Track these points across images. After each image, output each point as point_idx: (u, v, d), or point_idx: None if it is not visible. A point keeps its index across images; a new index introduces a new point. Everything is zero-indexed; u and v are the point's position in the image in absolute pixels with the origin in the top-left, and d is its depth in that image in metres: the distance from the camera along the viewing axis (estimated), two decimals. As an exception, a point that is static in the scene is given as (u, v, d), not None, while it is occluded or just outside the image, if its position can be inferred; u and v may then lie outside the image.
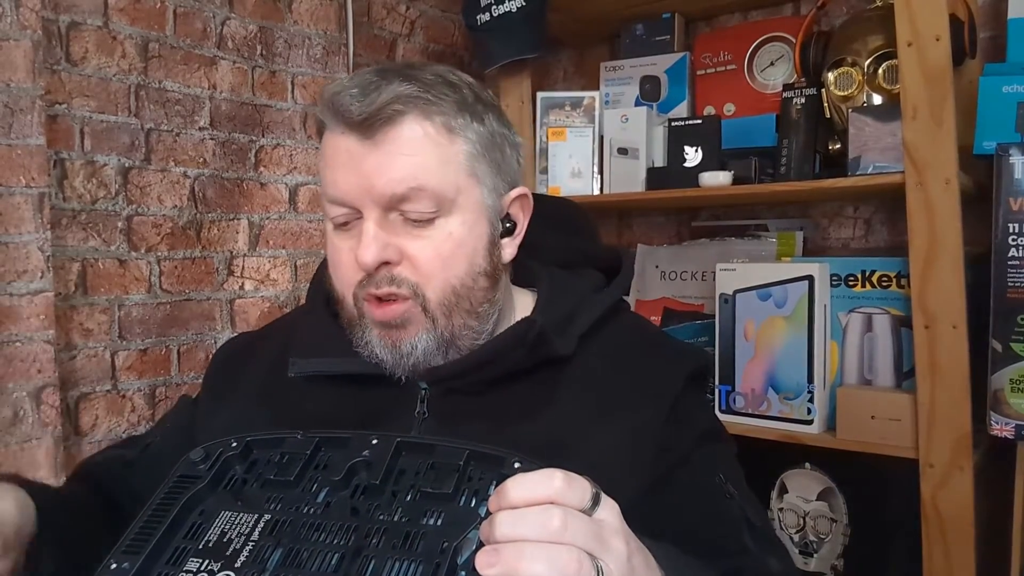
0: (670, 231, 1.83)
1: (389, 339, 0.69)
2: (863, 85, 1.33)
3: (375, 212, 0.67)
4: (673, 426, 0.71)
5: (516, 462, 0.51)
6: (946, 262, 1.13)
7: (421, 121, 0.66)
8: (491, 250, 0.71)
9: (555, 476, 0.46)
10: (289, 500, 0.54)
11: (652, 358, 0.77)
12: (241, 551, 0.51)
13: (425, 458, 0.54)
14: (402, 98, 0.65)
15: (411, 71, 0.68)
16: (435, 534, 0.49)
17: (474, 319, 0.71)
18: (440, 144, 0.67)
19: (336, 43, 1.67)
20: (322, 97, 0.68)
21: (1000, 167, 1.10)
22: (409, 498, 0.52)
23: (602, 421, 0.70)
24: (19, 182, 1.21)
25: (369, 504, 0.52)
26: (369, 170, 0.65)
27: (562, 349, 0.71)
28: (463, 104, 0.69)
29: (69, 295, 1.30)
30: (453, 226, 0.68)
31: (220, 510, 0.54)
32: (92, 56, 1.32)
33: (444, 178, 0.67)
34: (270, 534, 0.51)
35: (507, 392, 0.71)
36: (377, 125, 0.65)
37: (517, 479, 0.46)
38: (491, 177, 0.71)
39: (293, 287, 1.61)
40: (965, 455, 1.14)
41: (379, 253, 0.66)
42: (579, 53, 1.98)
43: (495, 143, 0.71)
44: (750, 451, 0.82)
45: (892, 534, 1.34)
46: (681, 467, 0.71)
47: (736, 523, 0.69)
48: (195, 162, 1.46)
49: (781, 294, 1.35)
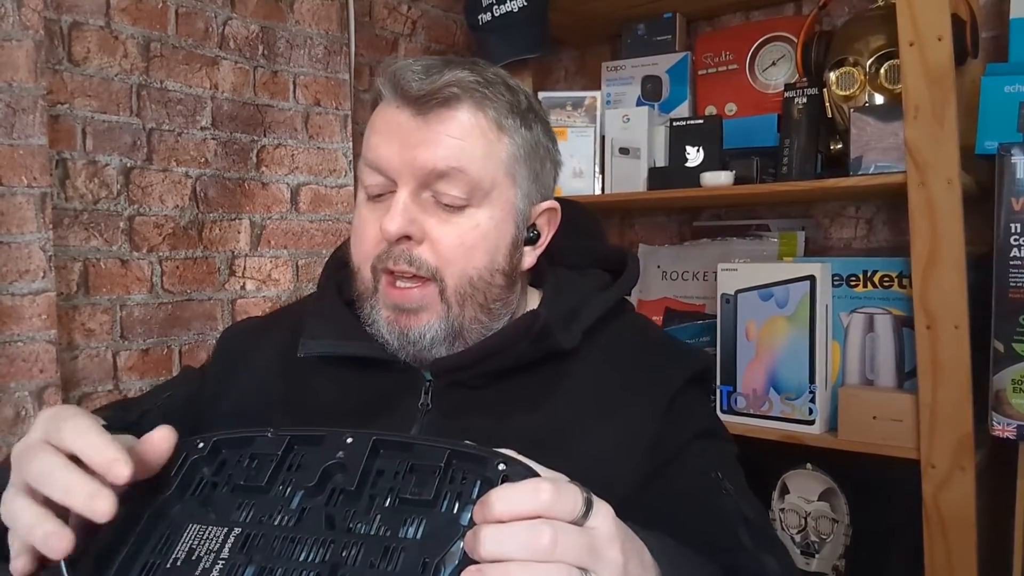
0: (671, 231, 1.83)
1: (398, 324, 0.70)
2: (865, 85, 1.32)
3: (410, 186, 0.68)
4: (669, 424, 0.72)
5: (500, 463, 0.47)
6: (948, 262, 1.13)
7: (474, 110, 0.68)
8: (512, 252, 0.72)
9: (542, 488, 0.43)
10: (261, 506, 0.51)
11: (653, 357, 0.78)
12: (211, 570, 0.48)
13: (404, 457, 0.51)
14: (462, 84, 0.67)
15: (475, 65, 0.70)
16: (416, 549, 0.46)
17: (485, 314, 0.71)
18: (487, 136, 0.69)
19: (338, 43, 1.67)
20: (384, 70, 0.69)
21: (1002, 167, 1.10)
22: (388, 503, 0.49)
23: (601, 417, 0.71)
24: (21, 182, 1.21)
25: (346, 511, 0.49)
26: (415, 143, 0.67)
27: (565, 343, 0.72)
28: (516, 107, 0.71)
29: (71, 295, 1.30)
30: (481, 218, 0.69)
31: (188, 523, 0.51)
32: (94, 56, 1.32)
33: (484, 169, 0.68)
34: (241, 550, 0.48)
35: (510, 386, 0.72)
36: (433, 104, 0.67)
37: (502, 491, 0.44)
38: (527, 183, 0.72)
39: (295, 287, 1.62)
40: (967, 456, 1.14)
41: (404, 225, 0.67)
42: (580, 53, 1.98)
43: (538, 153, 0.73)
44: (751, 451, 0.82)
45: (894, 535, 1.33)
46: (675, 462, 0.71)
47: (731, 519, 0.69)
48: (197, 162, 1.46)
49: (783, 294, 1.35)
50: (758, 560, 0.66)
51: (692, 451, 0.72)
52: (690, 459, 0.72)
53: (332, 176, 1.67)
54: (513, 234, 0.72)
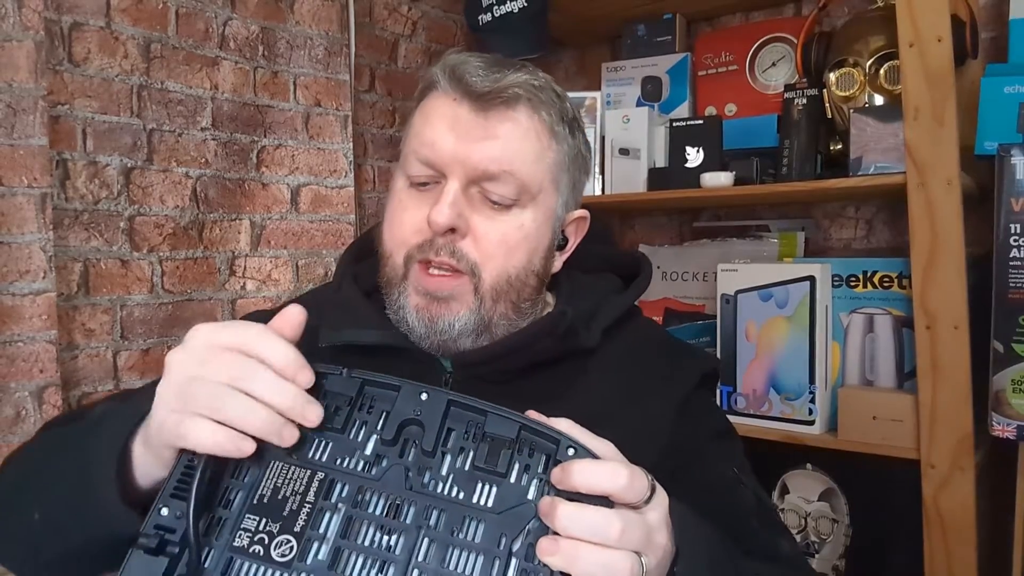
0: (671, 231, 1.83)
1: (428, 312, 0.70)
2: (865, 86, 1.33)
3: (461, 180, 0.68)
4: (684, 422, 0.73)
5: (570, 447, 0.51)
6: (948, 263, 1.13)
7: (531, 113, 0.69)
8: (547, 256, 0.74)
9: (619, 473, 0.48)
10: (337, 447, 0.52)
11: (667, 358, 0.79)
12: (298, 513, 0.49)
13: (475, 419, 0.53)
14: (525, 86, 0.68)
15: (528, 67, 0.71)
16: (494, 522, 0.49)
17: (515, 312, 0.72)
18: (541, 140, 0.70)
19: (338, 43, 1.67)
20: (443, 62, 0.70)
21: (1002, 168, 1.10)
22: (460, 465, 0.51)
23: (617, 413, 0.71)
24: (21, 182, 1.21)
25: (420, 466, 0.51)
26: (471, 140, 0.68)
27: (587, 342, 0.73)
28: (566, 115, 0.73)
29: (71, 295, 1.30)
30: (526, 219, 0.70)
31: (270, 459, 0.52)
32: (94, 57, 1.32)
33: (534, 172, 0.70)
34: (326, 497, 0.50)
35: (530, 381, 0.72)
36: (495, 103, 0.68)
37: (585, 464, 0.49)
38: (567, 191, 0.74)
39: (295, 287, 1.62)
40: (967, 456, 1.14)
41: (453, 218, 0.67)
42: (580, 53, 1.98)
43: (578, 162, 0.75)
44: (752, 452, 0.82)
45: (893, 535, 1.34)
46: (696, 460, 0.72)
47: (748, 512, 0.71)
48: (197, 162, 1.46)
49: (782, 295, 1.35)
50: (773, 542, 0.70)
51: (711, 449, 0.74)
52: (711, 458, 0.74)
53: (332, 176, 1.67)
54: (550, 238, 0.74)
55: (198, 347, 0.53)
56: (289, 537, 0.49)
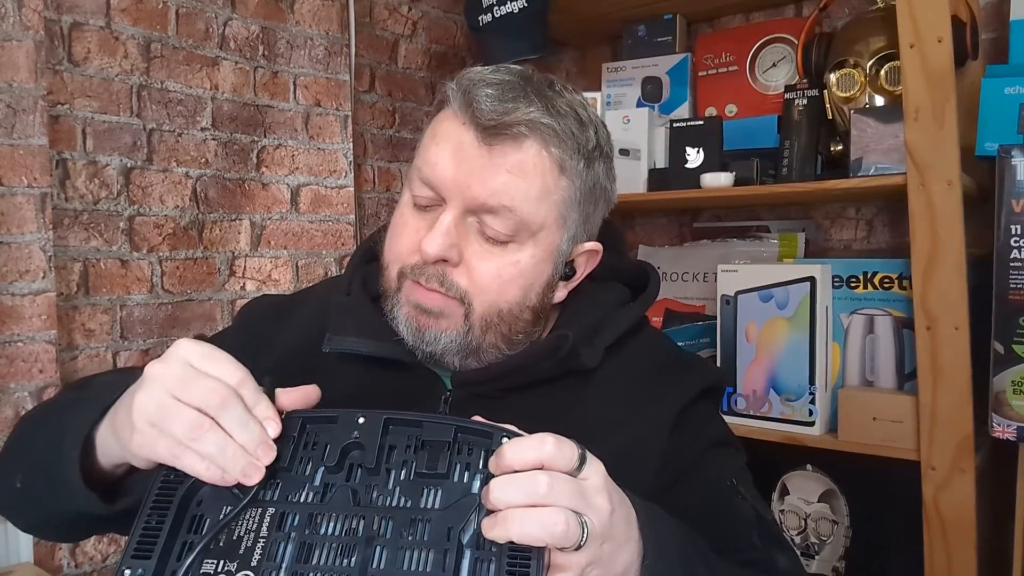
0: (671, 232, 1.83)
1: (416, 321, 0.70)
2: (865, 86, 1.32)
3: (458, 209, 0.67)
4: (682, 434, 0.73)
5: (504, 436, 0.53)
6: (948, 263, 1.13)
7: (539, 149, 0.67)
8: (546, 291, 0.72)
9: (546, 440, 0.50)
10: (287, 484, 0.54)
11: (670, 371, 0.78)
12: (254, 549, 0.51)
13: (413, 432, 0.55)
14: (533, 124, 0.66)
15: (551, 93, 0.69)
16: (440, 519, 0.51)
17: (505, 343, 0.72)
18: (547, 177, 0.68)
19: (338, 44, 1.67)
20: (459, 79, 0.68)
21: (1002, 168, 1.10)
22: (404, 476, 0.53)
23: (617, 429, 0.71)
24: (21, 182, 1.21)
25: (367, 486, 0.53)
26: (472, 171, 0.66)
27: (589, 362, 0.72)
28: (583, 147, 0.69)
29: (71, 295, 1.30)
30: (523, 256, 0.69)
31: (221, 504, 0.53)
32: (94, 56, 1.32)
33: (536, 211, 0.67)
34: (278, 529, 0.52)
35: (529, 399, 0.72)
36: (501, 137, 0.66)
37: (514, 443, 0.51)
38: (576, 227, 0.72)
39: (295, 287, 1.61)
40: (967, 457, 1.14)
41: (443, 249, 0.66)
42: (581, 54, 1.98)
43: (594, 195, 0.73)
44: (751, 453, 0.82)
45: (894, 536, 1.33)
46: (692, 470, 0.72)
47: (746, 524, 0.70)
48: (197, 162, 1.46)
49: (783, 295, 1.35)
50: (769, 555, 0.69)
51: (708, 459, 0.73)
52: (707, 467, 0.73)
53: (332, 177, 1.67)
54: (550, 274, 0.72)
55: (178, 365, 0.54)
56: (248, 573, 0.50)
